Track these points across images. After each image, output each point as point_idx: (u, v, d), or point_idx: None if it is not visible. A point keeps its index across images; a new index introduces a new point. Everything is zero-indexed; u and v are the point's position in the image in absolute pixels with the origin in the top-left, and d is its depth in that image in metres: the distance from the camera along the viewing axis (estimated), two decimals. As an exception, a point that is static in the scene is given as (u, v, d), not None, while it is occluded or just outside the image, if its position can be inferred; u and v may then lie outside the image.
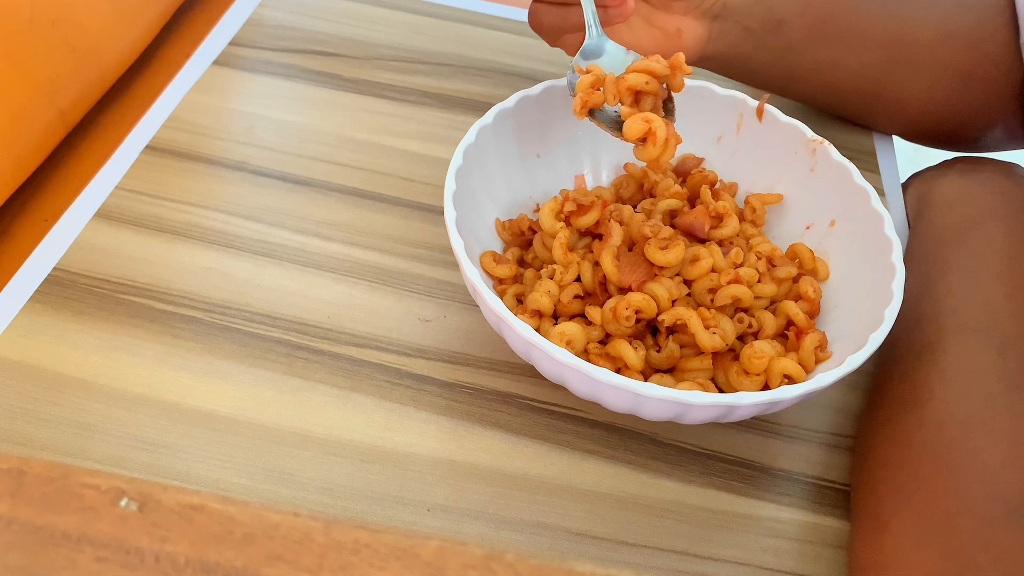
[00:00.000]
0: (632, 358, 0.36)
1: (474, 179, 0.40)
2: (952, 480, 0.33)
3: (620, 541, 0.36)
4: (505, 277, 0.40)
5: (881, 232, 0.39)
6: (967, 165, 0.49)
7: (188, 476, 0.35)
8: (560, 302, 0.38)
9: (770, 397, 0.33)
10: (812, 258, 0.41)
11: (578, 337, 0.36)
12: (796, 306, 0.39)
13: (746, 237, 0.42)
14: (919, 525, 0.32)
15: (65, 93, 0.46)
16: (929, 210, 0.46)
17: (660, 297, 0.36)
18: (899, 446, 0.35)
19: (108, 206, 0.45)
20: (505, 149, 0.43)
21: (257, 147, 0.49)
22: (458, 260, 0.36)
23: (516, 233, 0.42)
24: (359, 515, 0.35)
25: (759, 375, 0.36)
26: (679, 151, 0.46)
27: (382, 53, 0.57)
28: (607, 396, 0.34)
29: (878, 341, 0.35)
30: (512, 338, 0.35)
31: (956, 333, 0.38)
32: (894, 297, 0.36)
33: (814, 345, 0.37)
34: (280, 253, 0.44)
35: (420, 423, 0.38)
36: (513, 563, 0.34)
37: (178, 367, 0.39)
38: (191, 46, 0.55)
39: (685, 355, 0.37)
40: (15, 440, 0.35)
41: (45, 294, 0.40)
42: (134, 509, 0.33)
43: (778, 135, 0.44)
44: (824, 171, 0.43)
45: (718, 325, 0.37)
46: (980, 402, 0.35)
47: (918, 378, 0.37)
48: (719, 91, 0.45)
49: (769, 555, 0.36)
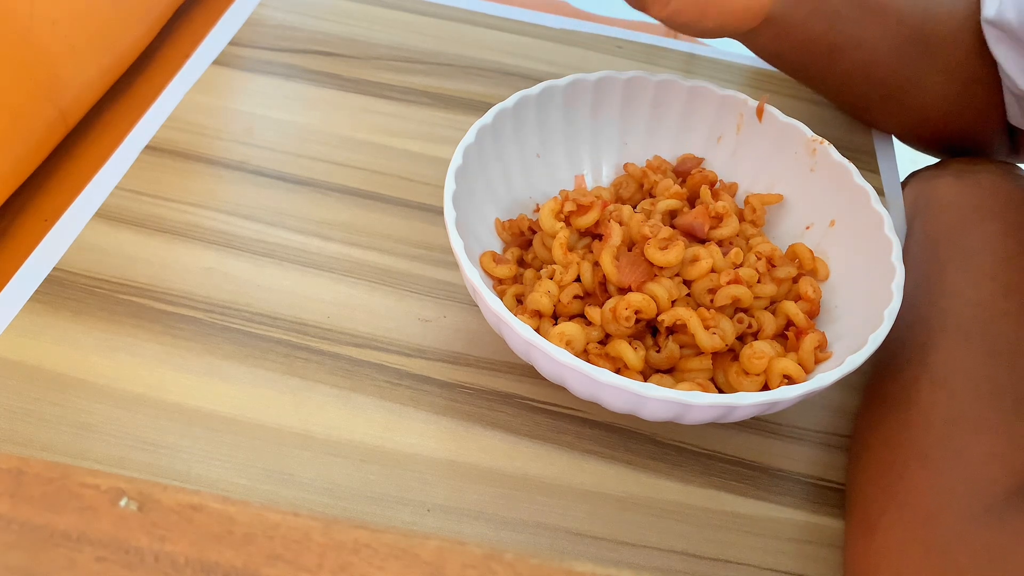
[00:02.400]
0: (632, 358, 0.36)
1: (474, 179, 0.40)
2: (936, 478, 0.33)
3: (620, 541, 0.36)
4: (505, 277, 0.40)
5: (881, 232, 0.39)
6: (963, 165, 0.49)
7: (188, 476, 0.35)
8: (560, 302, 0.38)
9: (770, 397, 0.33)
10: (812, 258, 0.41)
11: (578, 337, 0.36)
12: (796, 306, 0.39)
13: (746, 237, 0.42)
14: (903, 525, 0.32)
15: (65, 93, 0.46)
16: (926, 210, 0.46)
17: (660, 297, 0.36)
18: (887, 446, 0.35)
19: (108, 206, 0.45)
20: (505, 149, 0.43)
21: (257, 147, 0.49)
22: (458, 260, 0.36)
23: (516, 233, 0.42)
24: (359, 515, 0.35)
25: (759, 375, 0.36)
26: (678, 151, 0.46)
27: (382, 53, 0.57)
28: (607, 396, 0.34)
29: (878, 341, 0.35)
30: (512, 338, 0.35)
31: (948, 334, 0.38)
32: (894, 297, 0.36)
33: (814, 345, 0.37)
34: (280, 253, 0.44)
35: (420, 423, 0.38)
36: (513, 563, 0.34)
37: (178, 367, 0.39)
38: (191, 46, 0.55)
39: (685, 355, 0.37)
40: (15, 440, 0.35)
41: (45, 294, 0.40)
42: (134, 509, 0.33)
43: (778, 135, 0.44)
44: (824, 171, 0.43)
45: (718, 325, 0.37)
46: (968, 403, 0.35)
47: (908, 379, 0.37)
48: (719, 91, 0.45)
49: (769, 555, 0.36)
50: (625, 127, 0.46)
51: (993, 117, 0.51)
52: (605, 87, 0.45)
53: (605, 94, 0.45)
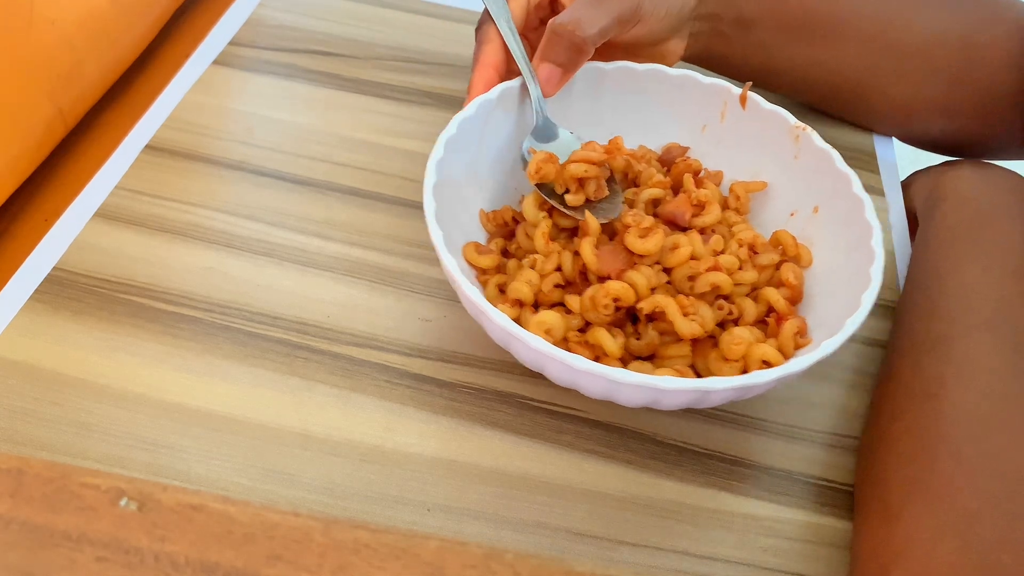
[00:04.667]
0: (610, 345, 0.36)
1: (457, 171, 0.40)
2: (972, 477, 0.33)
3: (620, 541, 0.36)
4: (488, 267, 0.40)
5: (862, 217, 0.39)
6: (979, 164, 0.50)
7: (188, 476, 0.35)
8: (541, 291, 0.38)
9: (743, 382, 0.33)
10: (795, 245, 0.41)
11: (557, 326, 0.36)
12: (777, 292, 0.39)
13: (729, 225, 0.42)
14: (936, 518, 0.32)
15: (65, 93, 0.46)
16: (943, 203, 0.46)
17: (639, 285, 0.37)
18: (912, 438, 0.35)
19: (108, 206, 0.45)
20: (489, 140, 0.43)
21: (257, 147, 0.49)
22: (436, 250, 0.36)
23: (500, 224, 0.42)
24: (359, 515, 0.35)
25: (738, 361, 0.37)
26: (664, 140, 0.46)
27: (382, 53, 0.57)
28: (583, 383, 0.34)
29: (854, 326, 0.35)
30: (489, 327, 0.35)
31: (970, 329, 0.38)
32: (872, 282, 0.36)
33: (794, 331, 0.37)
34: (280, 253, 0.44)
35: (420, 423, 0.38)
36: (513, 563, 0.34)
37: (178, 367, 0.39)
38: (191, 46, 0.55)
39: (665, 342, 0.37)
40: (15, 440, 0.35)
41: (45, 294, 0.40)
42: (134, 509, 0.33)
43: (762, 122, 0.44)
44: (807, 158, 0.43)
45: (696, 312, 0.37)
46: (999, 401, 0.35)
47: (932, 372, 0.37)
48: (703, 80, 0.45)
49: (769, 555, 0.36)
50: (611, 117, 0.46)
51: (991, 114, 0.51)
52: (588, 78, 0.45)
53: (590, 84, 0.45)
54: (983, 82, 0.49)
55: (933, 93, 0.51)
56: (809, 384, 0.42)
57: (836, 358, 0.43)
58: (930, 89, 0.51)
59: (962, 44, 0.49)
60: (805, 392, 0.41)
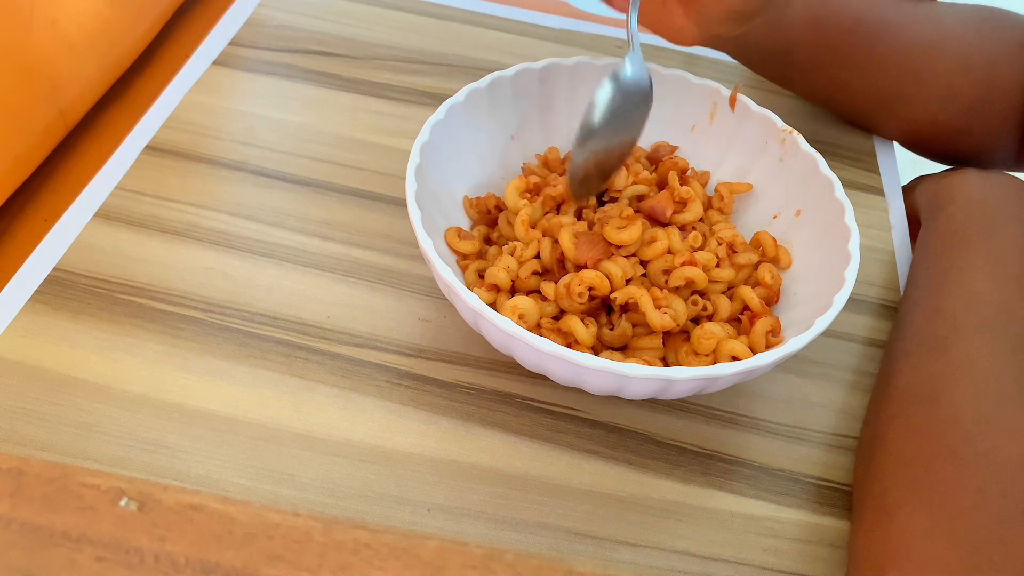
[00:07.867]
0: (582, 333, 0.36)
1: (443, 157, 0.41)
2: (966, 475, 0.33)
3: (620, 541, 0.36)
4: (468, 252, 0.40)
5: (841, 222, 0.39)
6: (983, 170, 0.50)
7: (188, 476, 0.35)
8: (519, 278, 0.38)
9: (706, 372, 0.33)
10: (775, 246, 0.42)
11: (531, 311, 0.36)
12: (752, 291, 0.39)
13: (710, 223, 0.43)
14: (929, 517, 0.33)
15: (65, 93, 0.46)
16: (950, 205, 0.46)
17: (614, 275, 0.37)
18: (909, 438, 0.36)
19: (108, 206, 0.45)
20: (477, 129, 0.43)
21: (257, 147, 0.49)
22: (414, 229, 0.36)
23: (483, 211, 0.43)
24: (359, 515, 0.35)
25: (708, 356, 0.37)
26: (653, 139, 0.46)
27: (382, 53, 0.57)
28: (550, 367, 0.34)
29: (823, 325, 0.35)
30: (461, 307, 0.35)
31: (971, 330, 0.38)
32: (845, 284, 0.36)
33: (766, 329, 0.38)
34: (280, 253, 0.44)
35: (420, 423, 0.38)
36: (513, 563, 0.34)
37: (178, 367, 0.39)
38: (191, 46, 0.55)
39: (637, 334, 0.38)
40: (15, 440, 0.35)
41: (45, 294, 0.40)
42: (134, 509, 0.33)
43: (750, 125, 0.45)
44: (792, 161, 0.43)
45: (669, 305, 0.37)
46: (995, 401, 0.35)
47: (931, 372, 0.37)
48: (693, 80, 0.45)
49: (769, 555, 0.36)
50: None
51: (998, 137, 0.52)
52: (581, 72, 0.45)
53: (581, 79, 0.45)
54: (999, 107, 0.50)
55: (948, 118, 0.51)
56: (809, 384, 0.42)
57: (836, 358, 0.43)
58: (946, 114, 0.51)
59: (985, 73, 0.50)
60: (805, 392, 0.42)
